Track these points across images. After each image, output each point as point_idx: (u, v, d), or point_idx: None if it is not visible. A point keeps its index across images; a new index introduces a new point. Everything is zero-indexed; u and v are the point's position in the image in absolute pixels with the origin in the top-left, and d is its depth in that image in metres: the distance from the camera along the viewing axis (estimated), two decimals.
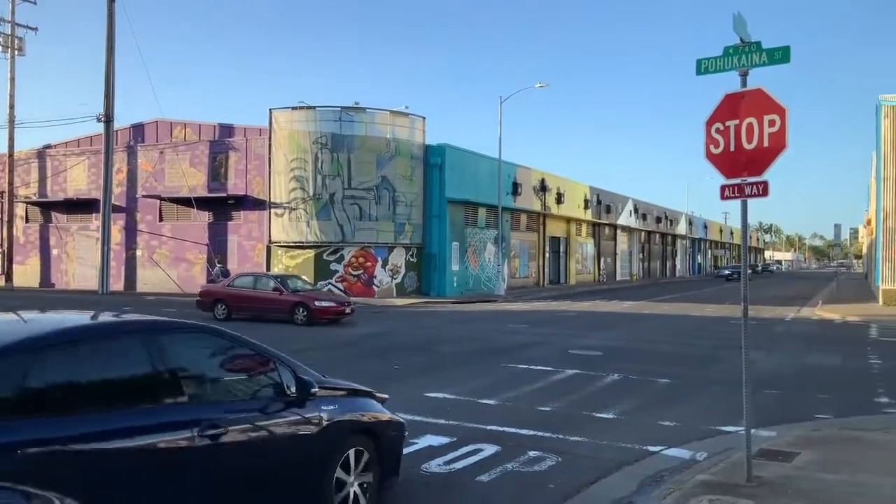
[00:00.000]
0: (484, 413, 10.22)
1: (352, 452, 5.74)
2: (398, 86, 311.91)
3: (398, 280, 38.04)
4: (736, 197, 7.06)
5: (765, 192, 6.85)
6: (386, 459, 6.15)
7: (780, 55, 6.78)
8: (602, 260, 63.87)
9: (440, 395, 11.51)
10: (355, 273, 36.99)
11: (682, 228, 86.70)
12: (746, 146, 6.86)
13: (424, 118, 39.32)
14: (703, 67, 7.19)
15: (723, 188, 7.15)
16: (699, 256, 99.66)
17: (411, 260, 38.69)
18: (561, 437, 8.86)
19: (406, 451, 7.71)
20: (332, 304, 23.39)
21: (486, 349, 17.47)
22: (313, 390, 5.34)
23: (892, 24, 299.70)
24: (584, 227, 60.00)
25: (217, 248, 38.09)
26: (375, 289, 37.05)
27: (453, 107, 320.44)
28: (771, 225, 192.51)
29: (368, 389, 6.51)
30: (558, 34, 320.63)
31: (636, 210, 69.45)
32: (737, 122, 6.91)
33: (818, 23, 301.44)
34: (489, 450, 8.21)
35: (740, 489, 6.55)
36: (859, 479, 6.90)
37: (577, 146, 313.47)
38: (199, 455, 4.52)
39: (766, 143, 6.76)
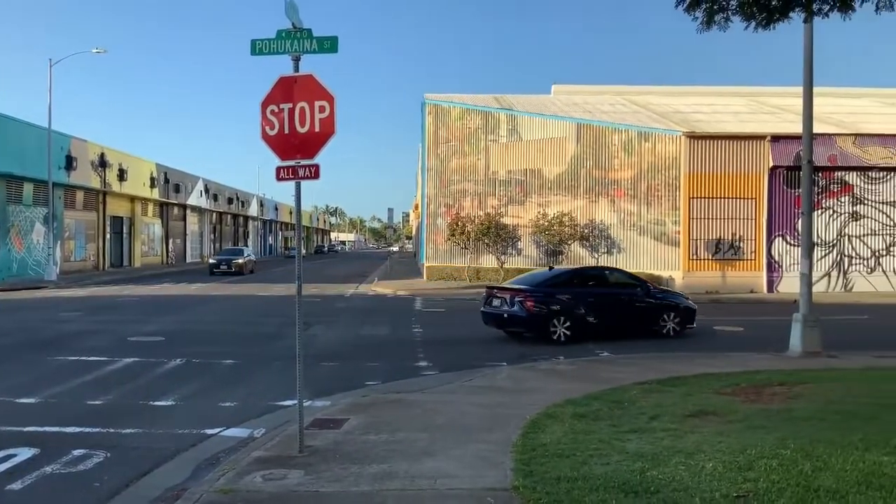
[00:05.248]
0: (22, 414, 9.08)
1: (665, 314, 17.13)
2: None
3: None
4: (290, 178, 7.28)
5: (316, 175, 7.18)
6: (685, 318, 17.42)
7: (329, 45, 7.13)
8: (171, 241, 61.35)
9: None
10: None
11: (253, 210, 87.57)
12: (300, 129, 7.10)
13: None
14: (258, 48, 7.24)
15: (278, 169, 7.32)
16: (271, 238, 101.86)
17: None
18: (112, 430, 8.26)
19: None
20: None
21: (30, 341, 15.53)
22: (651, 288, 17.68)
23: (442, 33, 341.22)
24: (150, 207, 56.95)
25: None
26: None
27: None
28: (336, 208, 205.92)
29: (687, 295, 19.77)
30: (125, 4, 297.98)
31: (207, 190, 68.05)
32: (290, 105, 7.10)
33: (391, 23, 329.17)
34: (25, 454, 7.30)
35: (293, 460, 6.81)
36: (398, 437, 7.69)
37: (145, 123, 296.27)
38: (627, 303, 17.08)
39: (317, 128, 7.07)
